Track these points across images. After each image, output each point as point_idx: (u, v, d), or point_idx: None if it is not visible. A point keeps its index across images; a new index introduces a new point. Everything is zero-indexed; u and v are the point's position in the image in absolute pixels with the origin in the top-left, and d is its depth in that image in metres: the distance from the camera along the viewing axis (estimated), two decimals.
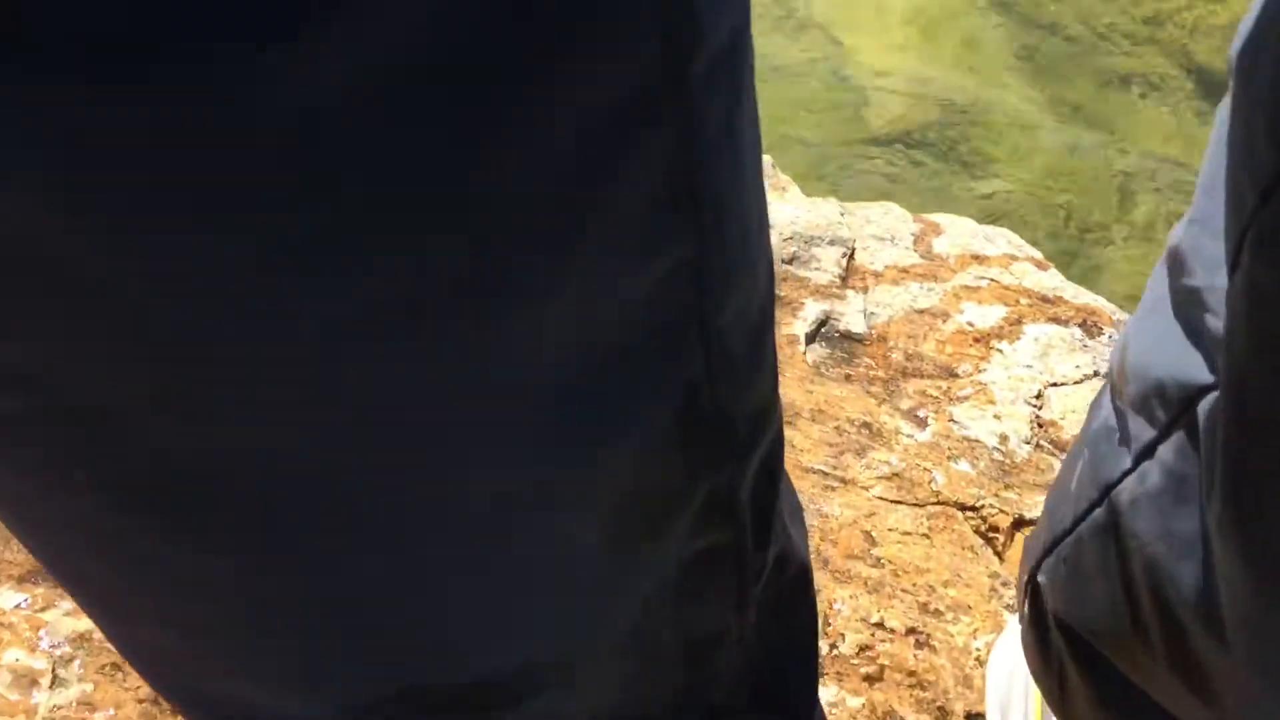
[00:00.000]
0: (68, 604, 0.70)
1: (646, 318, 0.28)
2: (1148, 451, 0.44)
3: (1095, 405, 0.52)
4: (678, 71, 0.24)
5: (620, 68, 0.23)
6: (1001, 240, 1.12)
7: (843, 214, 1.09)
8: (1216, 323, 0.38)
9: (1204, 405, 0.39)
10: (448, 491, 0.28)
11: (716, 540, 0.36)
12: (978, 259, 1.08)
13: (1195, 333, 0.40)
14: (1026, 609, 0.59)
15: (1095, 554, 0.49)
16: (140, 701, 0.66)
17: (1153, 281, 0.46)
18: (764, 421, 0.35)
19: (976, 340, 0.99)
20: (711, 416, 0.32)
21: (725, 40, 0.26)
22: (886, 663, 0.74)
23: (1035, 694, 0.69)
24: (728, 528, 0.36)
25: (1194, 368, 0.40)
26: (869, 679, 0.73)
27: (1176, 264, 0.42)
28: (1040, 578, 0.56)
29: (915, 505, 0.83)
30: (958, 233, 1.11)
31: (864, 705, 0.72)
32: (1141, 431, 0.44)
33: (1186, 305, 0.41)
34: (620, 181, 0.25)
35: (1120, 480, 0.47)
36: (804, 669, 0.52)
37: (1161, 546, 0.44)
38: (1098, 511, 0.49)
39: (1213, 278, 0.38)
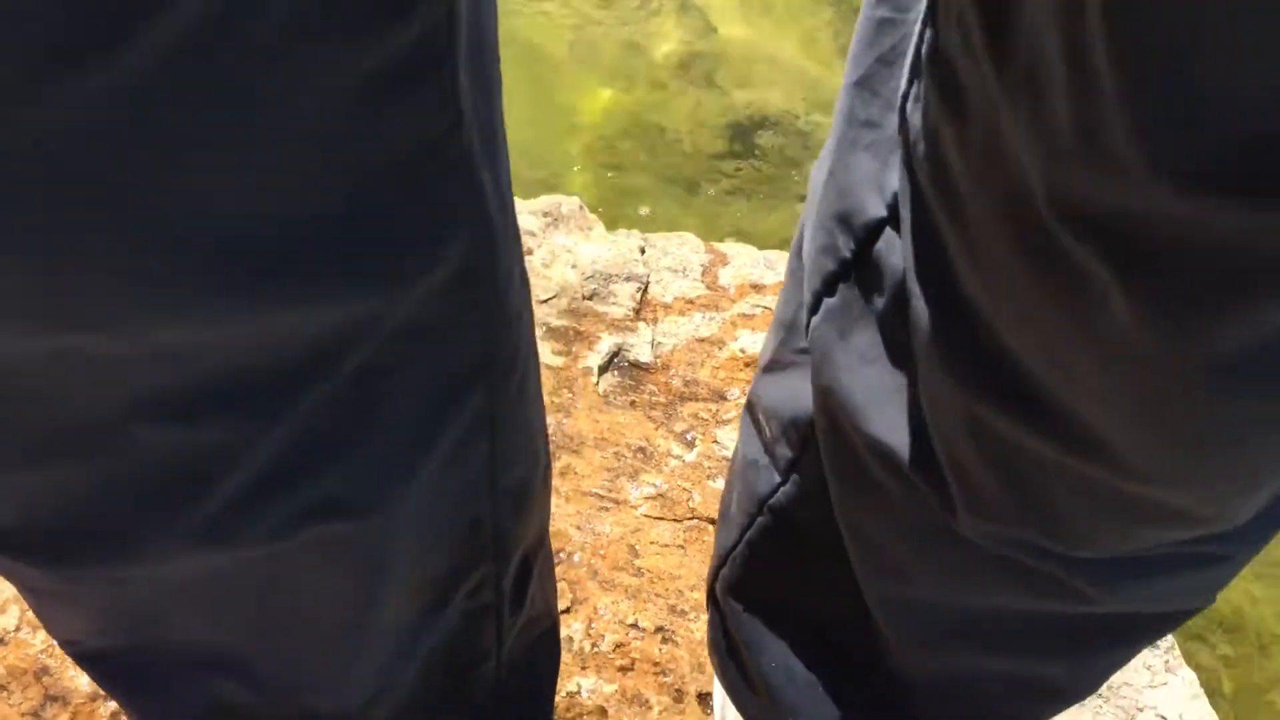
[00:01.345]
0: None
1: (452, 481, 0.45)
2: (793, 465, 0.62)
3: (735, 455, 0.71)
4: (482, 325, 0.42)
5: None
6: (783, 266, 1.30)
7: (643, 249, 1.26)
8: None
9: (819, 429, 0.56)
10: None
11: (485, 602, 0.54)
12: (756, 288, 1.25)
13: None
14: (711, 618, 0.78)
15: (767, 555, 0.68)
16: (23, 715, 0.82)
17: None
18: (527, 536, 0.54)
19: (747, 365, 1.17)
20: (490, 538, 0.50)
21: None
22: (637, 655, 0.93)
23: None
24: (494, 597, 0.54)
25: (803, 401, 0.58)
26: (622, 669, 0.92)
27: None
28: (717, 588, 0.74)
29: (674, 521, 1.02)
30: (742, 262, 1.28)
31: (617, 690, 0.91)
32: (785, 453, 0.62)
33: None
34: (457, 415, 0.43)
35: (774, 493, 0.65)
36: (544, 696, 0.71)
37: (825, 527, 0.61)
38: (760, 519, 0.67)
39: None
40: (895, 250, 0.47)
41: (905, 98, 0.42)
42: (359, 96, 0.29)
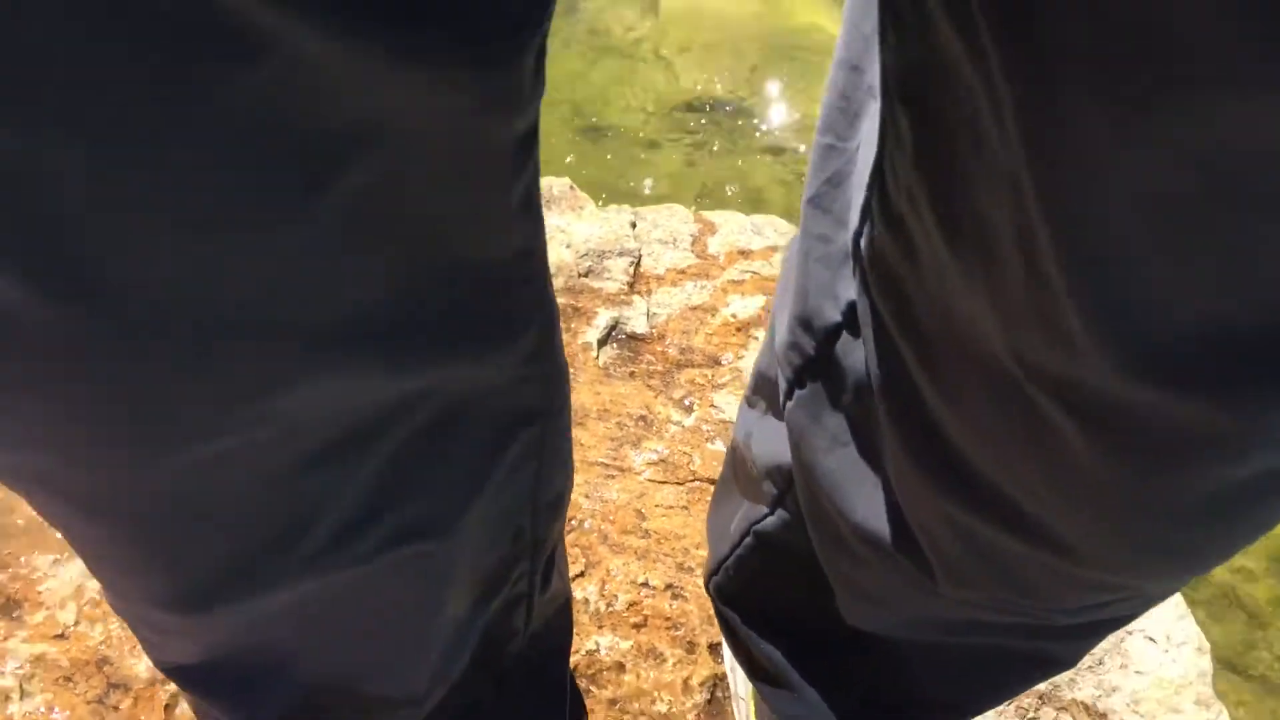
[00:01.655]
0: (23, 631, 0.92)
1: (505, 500, 0.52)
2: (778, 501, 0.68)
3: (724, 467, 0.76)
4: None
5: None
6: (769, 230, 1.35)
7: (634, 223, 1.31)
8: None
9: (800, 498, 0.62)
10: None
11: (521, 592, 0.62)
12: (744, 254, 1.31)
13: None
14: (714, 607, 0.84)
15: (756, 570, 0.74)
16: (88, 703, 0.89)
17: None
18: (555, 534, 0.61)
19: (738, 330, 1.23)
20: (529, 541, 0.57)
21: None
22: (649, 613, 1.00)
23: None
24: (527, 587, 0.61)
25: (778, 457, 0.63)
26: (636, 626, 0.99)
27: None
28: (712, 591, 0.80)
29: (677, 484, 1.08)
30: (730, 230, 1.33)
31: (633, 645, 0.98)
32: (770, 490, 0.68)
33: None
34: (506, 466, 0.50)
35: (760, 520, 0.71)
36: (560, 658, 0.77)
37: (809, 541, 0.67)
38: (747, 540, 0.73)
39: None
40: (853, 352, 0.52)
41: (859, 235, 0.46)
42: (490, 228, 0.38)
